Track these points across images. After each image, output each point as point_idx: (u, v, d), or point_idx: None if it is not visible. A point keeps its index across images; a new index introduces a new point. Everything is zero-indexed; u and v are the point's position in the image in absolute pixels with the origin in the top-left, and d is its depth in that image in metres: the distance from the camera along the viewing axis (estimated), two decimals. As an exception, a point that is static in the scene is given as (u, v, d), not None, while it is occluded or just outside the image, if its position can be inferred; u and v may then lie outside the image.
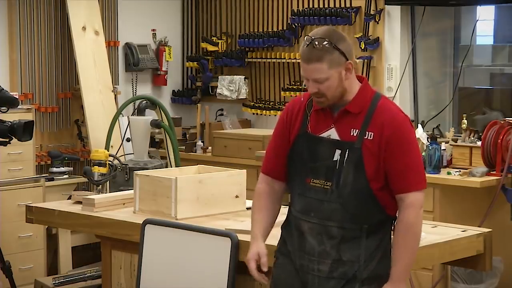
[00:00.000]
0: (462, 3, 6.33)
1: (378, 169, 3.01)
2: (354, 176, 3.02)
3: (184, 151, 6.72)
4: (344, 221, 3.04)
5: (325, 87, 3.02)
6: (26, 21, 6.42)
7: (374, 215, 3.06)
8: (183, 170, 4.46)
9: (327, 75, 3.00)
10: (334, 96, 3.04)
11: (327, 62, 2.98)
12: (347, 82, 3.03)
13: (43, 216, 4.48)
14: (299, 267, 3.13)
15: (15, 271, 5.62)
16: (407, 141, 3.04)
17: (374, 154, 3.01)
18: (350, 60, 3.02)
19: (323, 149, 3.07)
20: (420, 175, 3.07)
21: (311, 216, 3.10)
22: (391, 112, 3.05)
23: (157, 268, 3.87)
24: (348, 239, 3.05)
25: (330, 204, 3.06)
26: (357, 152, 3.02)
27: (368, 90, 3.10)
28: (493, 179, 5.38)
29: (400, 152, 3.01)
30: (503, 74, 6.75)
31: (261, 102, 7.10)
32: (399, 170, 3.02)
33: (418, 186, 3.04)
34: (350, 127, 3.05)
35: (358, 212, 3.04)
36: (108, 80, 6.62)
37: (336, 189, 3.04)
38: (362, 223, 3.05)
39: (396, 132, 3.01)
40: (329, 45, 2.97)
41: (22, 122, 5.07)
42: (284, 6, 6.94)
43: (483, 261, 3.86)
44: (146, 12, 7.26)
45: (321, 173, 3.07)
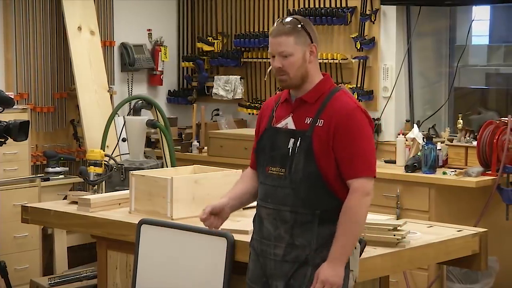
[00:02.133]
0: (457, 3, 6.33)
1: (328, 156, 3.14)
2: (305, 163, 3.15)
3: (180, 151, 6.71)
4: (296, 206, 3.17)
5: (288, 63, 3.18)
6: (22, 21, 6.42)
7: (326, 201, 3.15)
8: (179, 170, 4.46)
9: (292, 50, 3.17)
10: (296, 75, 3.19)
11: (294, 38, 3.17)
12: (310, 66, 3.21)
13: (38, 216, 4.47)
14: (259, 252, 3.27)
15: (11, 271, 5.61)
16: (355, 129, 3.15)
17: (323, 141, 3.14)
18: (315, 44, 3.20)
19: (280, 138, 3.23)
20: (367, 162, 3.16)
21: (268, 202, 3.24)
22: (343, 101, 3.19)
23: (153, 268, 3.87)
24: (300, 223, 3.16)
25: (283, 190, 3.19)
26: (308, 139, 3.15)
27: (328, 83, 3.26)
28: (489, 179, 5.39)
29: (347, 139, 3.13)
30: (499, 74, 6.76)
31: (257, 102, 7.10)
32: (346, 157, 3.13)
33: (364, 172, 3.14)
34: (306, 115, 3.20)
35: (309, 197, 3.16)
36: (104, 80, 6.62)
37: (288, 175, 3.18)
38: (314, 208, 3.15)
39: (344, 120, 3.14)
40: (299, 25, 3.19)
41: (18, 122, 5.06)
42: (280, 6, 6.94)
43: (479, 261, 3.87)
44: (141, 12, 7.26)
45: (277, 161, 3.22)
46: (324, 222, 3.15)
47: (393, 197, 5.59)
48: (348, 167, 3.14)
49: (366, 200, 3.14)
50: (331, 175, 3.15)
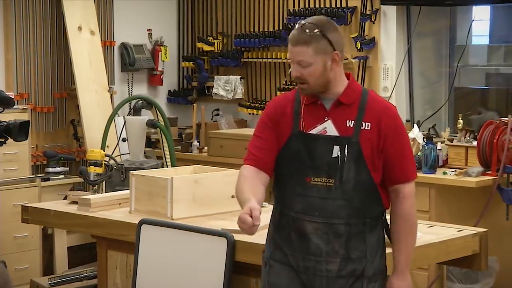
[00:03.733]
0: (457, 3, 6.33)
1: (378, 160, 3.02)
2: (356, 171, 3.00)
3: (180, 151, 6.71)
4: (349, 217, 3.02)
5: (308, 73, 3.00)
6: (22, 21, 6.41)
7: (375, 208, 3.06)
8: (179, 170, 4.46)
9: (311, 60, 2.98)
10: (316, 84, 3.01)
11: (313, 48, 2.98)
12: (333, 73, 3.01)
13: (38, 216, 4.47)
14: (302, 269, 3.06)
15: (11, 271, 5.61)
16: (402, 130, 3.07)
17: (372, 144, 3.00)
18: (338, 51, 3.00)
19: (321, 146, 3.03)
20: (414, 164, 3.13)
21: (315, 215, 3.03)
22: (384, 103, 3.09)
23: (153, 268, 3.87)
24: (353, 235, 3.03)
25: (334, 202, 3.02)
26: (356, 146, 3.00)
27: (356, 84, 3.12)
28: (489, 179, 5.39)
29: (398, 141, 3.04)
30: (499, 74, 6.75)
31: (257, 102, 7.10)
32: (398, 160, 3.03)
33: (413, 175, 3.09)
34: (346, 118, 3.03)
35: (362, 206, 3.03)
36: (104, 80, 6.62)
37: (340, 186, 3.01)
38: (365, 217, 3.04)
39: (393, 121, 3.04)
40: (319, 32, 2.97)
41: (18, 122, 5.06)
42: (280, 6, 6.94)
43: (479, 261, 3.87)
44: (142, 12, 7.26)
45: (322, 171, 3.02)
46: (371, 230, 3.06)
47: (393, 197, 5.59)
48: (399, 170, 3.05)
49: (414, 204, 3.10)
50: (380, 181, 3.06)
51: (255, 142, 3.17)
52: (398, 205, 3.07)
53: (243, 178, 3.11)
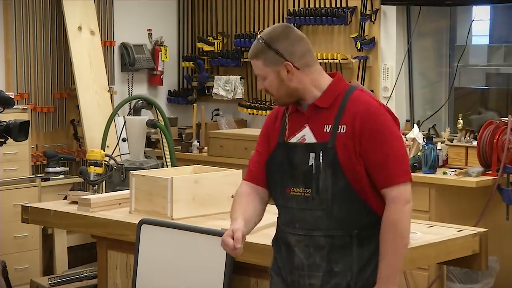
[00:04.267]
0: (457, 3, 6.33)
1: (357, 165, 2.81)
2: (333, 179, 2.82)
3: (180, 151, 6.71)
4: (330, 229, 2.84)
5: (268, 85, 2.92)
6: (22, 21, 6.42)
7: (362, 218, 2.85)
8: (179, 170, 4.46)
9: (263, 73, 2.91)
10: (280, 95, 2.91)
11: (262, 60, 2.90)
12: (296, 82, 2.87)
13: (38, 216, 4.47)
14: (290, 283, 2.95)
15: (11, 271, 5.61)
16: (383, 130, 2.83)
17: (349, 149, 2.81)
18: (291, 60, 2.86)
19: (298, 154, 2.89)
20: (402, 166, 2.84)
21: (296, 227, 2.91)
22: (364, 102, 2.86)
23: (153, 268, 3.87)
24: (337, 247, 2.85)
25: (313, 212, 2.86)
26: (331, 151, 2.82)
27: (340, 84, 2.92)
28: (489, 179, 5.39)
29: (376, 143, 2.81)
30: (499, 74, 6.75)
31: (257, 102, 7.10)
32: (377, 163, 2.81)
33: (400, 178, 2.82)
34: (324, 123, 2.87)
35: (343, 217, 2.84)
36: (104, 80, 6.62)
37: (316, 196, 2.85)
38: (350, 229, 2.84)
39: (370, 122, 2.82)
40: (264, 43, 2.88)
41: (18, 122, 5.06)
42: (280, 6, 6.94)
43: (479, 261, 3.86)
44: (142, 12, 7.26)
45: (299, 180, 2.88)
46: (363, 242, 2.84)
47: (393, 197, 5.59)
48: (382, 174, 2.81)
49: (408, 209, 2.81)
50: (365, 187, 2.83)
51: (253, 157, 3.08)
52: (385, 211, 2.83)
53: (237, 196, 3.05)
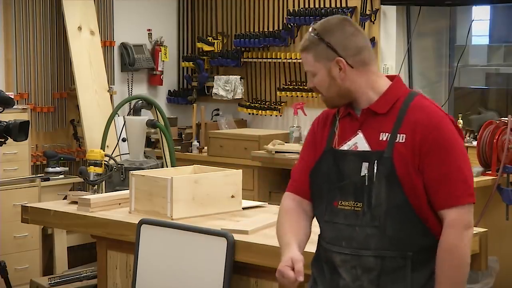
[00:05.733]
0: (457, 3, 6.33)
1: (416, 179, 2.51)
2: (388, 192, 2.52)
3: (180, 151, 6.71)
4: (382, 249, 2.53)
5: (317, 84, 2.63)
6: (22, 21, 6.42)
7: (419, 238, 2.54)
8: (179, 170, 4.46)
9: (313, 69, 2.62)
10: (331, 96, 2.62)
11: (313, 54, 2.62)
12: (349, 82, 2.59)
13: (38, 216, 4.47)
14: None
15: (11, 271, 5.61)
16: (446, 143, 2.52)
17: (408, 160, 2.51)
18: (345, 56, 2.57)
19: (349, 164, 2.59)
20: (466, 185, 2.55)
21: (342, 246, 2.59)
22: (426, 110, 2.55)
23: (153, 268, 3.87)
24: (389, 270, 2.53)
25: (363, 229, 2.55)
26: (388, 162, 2.51)
27: (400, 88, 2.63)
28: (489, 179, 5.39)
29: (438, 157, 2.51)
30: (499, 74, 6.76)
31: (257, 102, 7.10)
32: (437, 180, 2.51)
33: (463, 199, 2.54)
34: (379, 130, 2.56)
35: (398, 236, 2.52)
36: (104, 80, 6.62)
37: (368, 210, 2.54)
38: (404, 250, 2.53)
39: (432, 133, 2.51)
40: (316, 35, 2.61)
41: (18, 122, 5.06)
42: (280, 6, 6.94)
43: (479, 261, 3.86)
44: (141, 12, 7.26)
45: (349, 193, 2.58)
46: (418, 266, 2.53)
47: (393, 197, 5.58)
48: (441, 193, 2.51)
49: (469, 235, 2.52)
50: (423, 204, 2.52)
51: (297, 165, 2.78)
52: (442, 235, 2.52)
53: (284, 213, 2.73)
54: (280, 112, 6.96)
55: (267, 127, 7.09)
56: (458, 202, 2.52)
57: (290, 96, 6.86)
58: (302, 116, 6.65)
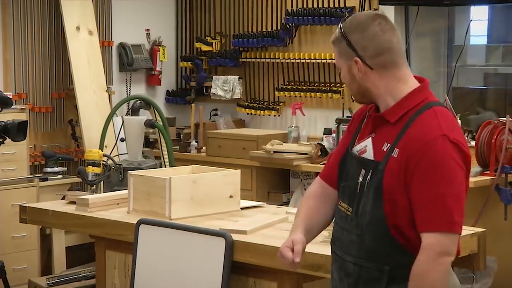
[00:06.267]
0: (456, 3, 6.33)
1: (400, 197, 2.45)
2: (373, 204, 2.49)
3: (178, 151, 6.71)
4: (360, 257, 2.54)
5: (342, 77, 2.61)
6: (20, 21, 6.41)
7: (396, 254, 2.49)
8: (177, 170, 4.46)
9: (338, 63, 2.60)
10: (352, 91, 2.61)
11: (337, 49, 2.58)
12: (369, 82, 2.54)
13: (37, 216, 4.47)
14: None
15: (9, 272, 5.60)
16: (432, 165, 2.40)
17: (395, 177, 2.45)
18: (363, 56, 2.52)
19: (352, 167, 2.59)
20: (446, 212, 2.41)
21: (336, 245, 2.65)
22: (425, 125, 2.45)
23: (151, 268, 3.87)
24: (364, 280, 2.53)
25: (349, 234, 2.57)
26: (379, 174, 2.47)
27: (418, 97, 2.52)
28: (487, 179, 5.39)
29: (422, 178, 2.41)
30: (497, 74, 6.76)
31: (255, 102, 7.10)
32: (417, 202, 2.43)
33: (440, 226, 2.40)
34: (385, 139, 2.51)
35: (374, 248, 2.50)
36: (102, 80, 6.62)
37: (355, 217, 2.54)
38: (381, 263, 2.50)
39: (419, 152, 2.42)
40: (340, 31, 2.56)
41: (16, 122, 5.06)
42: (278, 6, 6.94)
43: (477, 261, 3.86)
44: (140, 12, 7.25)
45: (346, 195, 2.60)
46: (396, 281, 2.48)
47: (392, 197, 5.58)
48: (419, 216, 2.42)
49: (442, 262, 2.40)
50: (402, 223, 2.46)
51: (335, 150, 2.77)
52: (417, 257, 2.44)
53: (306, 197, 2.77)
54: (278, 112, 6.96)
55: (266, 127, 7.09)
56: (436, 228, 2.41)
57: (289, 96, 6.85)
58: (300, 116, 6.65)
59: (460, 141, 2.44)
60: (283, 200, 6.33)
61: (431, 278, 2.40)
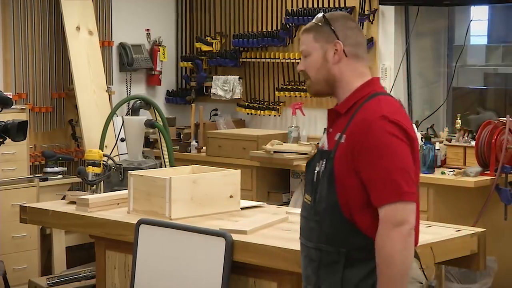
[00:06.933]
0: (456, 3, 6.33)
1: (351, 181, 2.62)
2: (327, 191, 2.65)
3: (178, 151, 6.71)
4: (320, 242, 2.68)
5: (308, 64, 2.75)
6: (20, 21, 6.41)
7: (351, 237, 2.63)
8: (177, 170, 4.46)
9: (310, 48, 2.74)
10: (317, 78, 2.74)
11: (314, 34, 2.74)
12: (337, 69, 2.71)
13: (37, 216, 4.47)
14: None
15: (9, 271, 5.61)
16: (375, 143, 2.57)
17: (344, 162, 2.62)
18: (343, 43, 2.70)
19: (314, 160, 2.79)
20: (393, 184, 2.55)
21: (301, 235, 2.81)
22: (367, 111, 2.63)
23: (151, 268, 3.87)
24: (325, 263, 2.67)
25: (309, 222, 2.73)
26: (331, 162, 2.65)
27: (368, 88, 2.72)
28: (487, 178, 5.39)
29: (368, 158, 2.58)
30: (497, 74, 6.76)
31: (255, 102, 7.10)
32: (368, 181, 2.58)
33: (389, 197, 2.54)
34: (337, 130, 2.70)
35: (332, 232, 2.65)
36: (102, 80, 6.62)
37: (314, 205, 2.71)
38: (338, 247, 2.64)
39: (363, 134, 2.59)
40: (323, 19, 2.74)
41: (16, 122, 5.05)
42: (278, 6, 6.94)
43: (477, 261, 3.87)
44: (140, 12, 7.25)
45: (308, 187, 2.78)
46: (352, 264, 2.62)
47: (392, 197, 5.58)
48: (372, 193, 2.57)
49: (399, 232, 2.53)
50: (354, 207, 2.61)
51: None
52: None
53: None
54: (278, 112, 6.96)
55: (266, 127, 7.09)
56: (386, 200, 2.55)
57: (289, 96, 6.85)
58: (300, 116, 6.65)
59: (400, 120, 2.61)
60: (283, 200, 6.33)
61: (386, 250, 2.54)
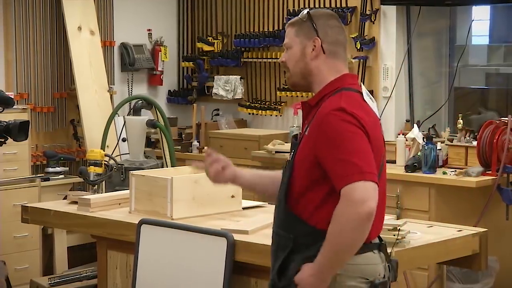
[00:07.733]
0: (457, 3, 6.33)
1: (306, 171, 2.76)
2: (286, 179, 2.82)
3: (180, 151, 6.71)
4: (279, 227, 2.85)
5: (288, 56, 2.90)
6: (22, 21, 6.42)
7: (295, 225, 2.78)
8: (179, 170, 4.46)
9: (291, 42, 2.87)
10: (295, 71, 2.88)
11: (296, 28, 2.87)
12: (314, 64, 2.83)
13: (38, 216, 4.47)
14: None
15: (11, 271, 5.61)
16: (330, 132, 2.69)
17: (305, 154, 2.77)
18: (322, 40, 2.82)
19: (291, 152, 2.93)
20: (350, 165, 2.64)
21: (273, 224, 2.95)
22: (328, 103, 2.76)
23: (153, 268, 3.87)
24: (280, 247, 2.82)
25: (275, 210, 2.91)
26: (295, 151, 2.83)
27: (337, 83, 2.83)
28: (489, 178, 5.39)
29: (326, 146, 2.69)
30: (499, 74, 6.75)
31: (257, 102, 7.10)
32: (328, 168, 2.69)
33: (348, 178, 2.63)
34: (306, 123, 2.86)
35: (284, 218, 2.82)
36: (104, 80, 6.62)
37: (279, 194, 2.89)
38: (288, 232, 2.80)
39: (319, 125, 2.72)
40: (307, 15, 2.85)
41: (18, 122, 5.06)
42: (280, 6, 6.94)
43: (479, 261, 3.87)
44: (141, 12, 7.26)
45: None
46: (299, 249, 2.77)
47: (393, 197, 5.59)
48: (334, 178, 2.67)
49: (355, 209, 2.61)
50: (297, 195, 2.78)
51: None
52: None
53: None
54: (280, 112, 6.97)
55: (267, 127, 7.09)
56: (348, 181, 2.64)
57: (290, 96, 6.86)
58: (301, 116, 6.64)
59: (356, 113, 2.71)
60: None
61: (339, 221, 2.64)
